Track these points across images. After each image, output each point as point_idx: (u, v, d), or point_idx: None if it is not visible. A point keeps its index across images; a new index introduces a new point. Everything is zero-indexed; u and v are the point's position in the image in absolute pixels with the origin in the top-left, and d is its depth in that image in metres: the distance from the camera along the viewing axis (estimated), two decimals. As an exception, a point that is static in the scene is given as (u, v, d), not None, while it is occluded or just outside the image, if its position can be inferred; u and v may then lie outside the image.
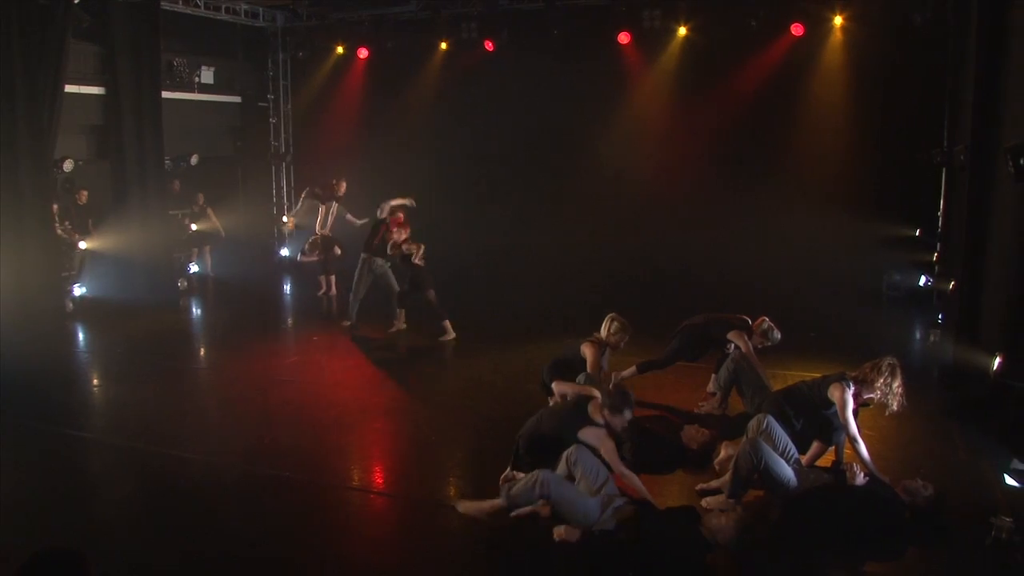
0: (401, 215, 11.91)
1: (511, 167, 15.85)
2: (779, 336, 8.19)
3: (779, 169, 14.13)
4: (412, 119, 16.84)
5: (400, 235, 11.65)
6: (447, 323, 11.51)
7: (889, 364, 6.49)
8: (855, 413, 6.39)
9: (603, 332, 8.11)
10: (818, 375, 8.88)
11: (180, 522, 6.26)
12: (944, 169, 12.33)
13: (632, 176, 14.98)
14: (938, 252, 12.92)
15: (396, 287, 11.87)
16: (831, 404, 6.48)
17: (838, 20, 13.74)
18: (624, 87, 15.65)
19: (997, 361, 7.87)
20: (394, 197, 11.93)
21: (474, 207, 13.81)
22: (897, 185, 13.31)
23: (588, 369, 7.82)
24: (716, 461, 6.78)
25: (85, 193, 13.96)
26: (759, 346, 8.20)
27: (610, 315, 8.21)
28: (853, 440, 6.36)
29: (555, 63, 15.47)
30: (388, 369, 10.74)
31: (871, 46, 13.61)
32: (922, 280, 13.49)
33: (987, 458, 7.20)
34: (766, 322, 8.25)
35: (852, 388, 6.45)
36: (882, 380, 6.42)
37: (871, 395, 6.46)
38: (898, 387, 6.44)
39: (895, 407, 6.42)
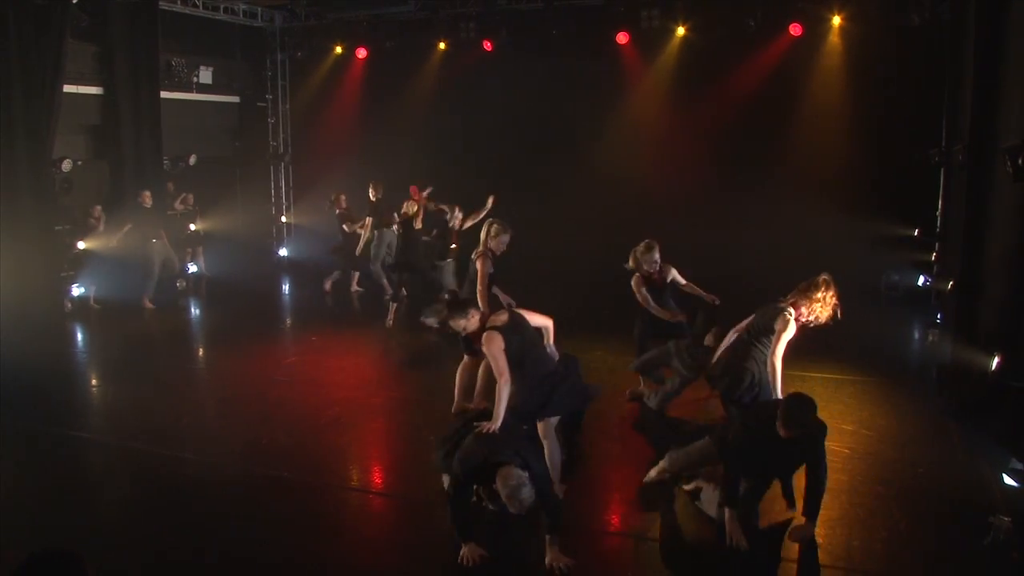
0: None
1: (509, 167, 15.83)
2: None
3: (777, 169, 14.12)
4: (411, 119, 16.82)
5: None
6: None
7: (824, 279, 6.88)
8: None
9: (483, 237, 8.52)
10: (815, 375, 8.94)
11: (178, 523, 6.25)
12: (942, 169, 12.34)
13: (630, 176, 14.96)
14: (936, 252, 12.91)
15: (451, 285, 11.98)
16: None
17: (836, 20, 13.73)
18: (623, 87, 15.64)
19: (996, 361, 7.87)
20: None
21: (472, 207, 13.77)
22: (895, 185, 13.31)
23: (479, 283, 8.24)
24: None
25: (148, 195, 13.72)
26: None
27: (488, 220, 8.72)
28: (772, 367, 6.61)
29: (554, 63, 15.47)
30: (387, 369, 10.75)
31: (869, 46, 13.61)
32: (920, 280, 13.49)
33: (986, 458, 7.19)
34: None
35: (794, 313, 6.70)
36: (819, 292, 6.74)
37: (811, 311, 6.73)
38: (832, 297, 6.81)
39: (834, 315, 6.81)
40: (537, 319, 6.52)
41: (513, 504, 5.35)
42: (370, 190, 14.01)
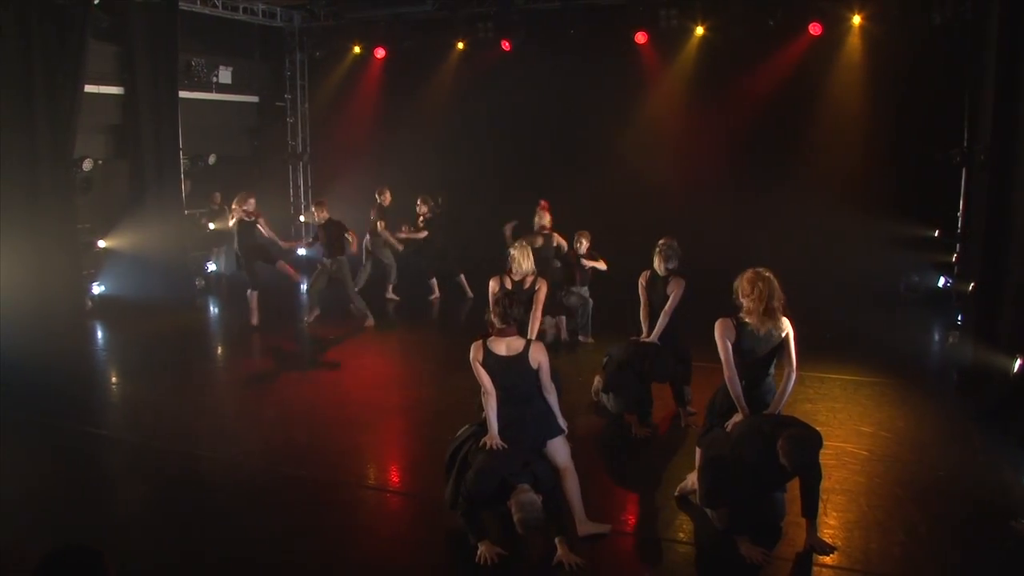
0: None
1: (527, 167, 15.83)
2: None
3: (796, 169, 14.05)
4: (429, 119, 16.84)
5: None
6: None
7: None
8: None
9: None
10: (833, 376, 8.88)
11: (196, 520, 6.30)
12: (964, 169, 12.25)
13: (649, 176, 14.93)
14: (957, 253, 12.82)
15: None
16: None
17: (856, 19, 13.65)
18: (641, 87, 15.60)
19: (1017, 363, 7.82)
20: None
21: (490, 207, 13.81)
22: (916, 185, 13.21)
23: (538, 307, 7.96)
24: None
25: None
26: None
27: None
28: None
29: (572, 63, 15.45)
30: (406, 367, 10.77)
31: (890, 45, 13.52)
32: (941, 281, 13.40)
33: (1006, 461, 7.15)
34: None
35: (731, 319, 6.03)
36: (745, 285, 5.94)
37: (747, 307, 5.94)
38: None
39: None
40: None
41: (521, 527, 5.36)
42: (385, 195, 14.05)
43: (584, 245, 10.95)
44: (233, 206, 12.19)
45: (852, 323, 11.85)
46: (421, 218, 13.80)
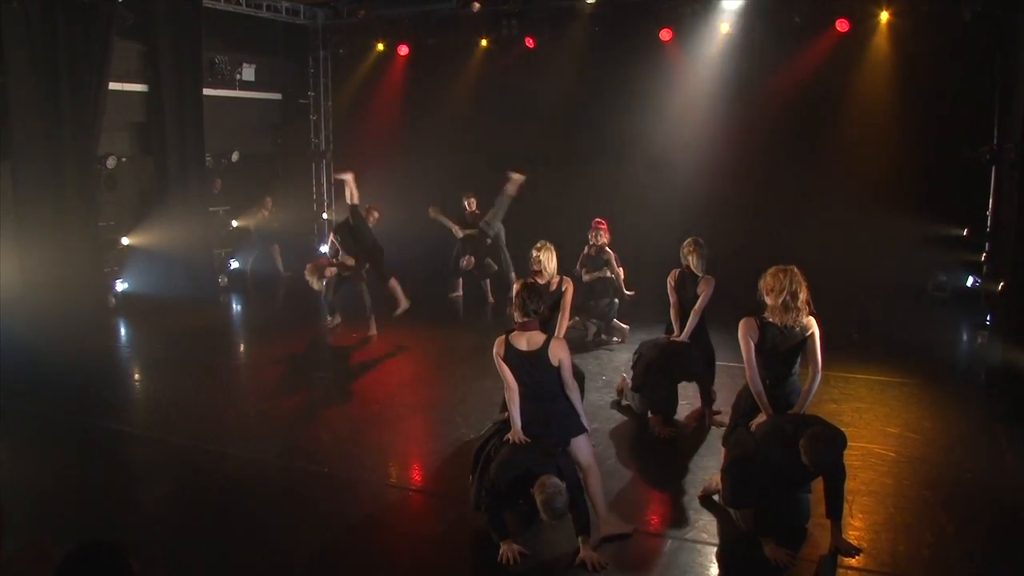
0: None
1: (551, 165, 15.80)
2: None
3: (823, 167, 13.94)
4: (452, 117, 16.83)
5: None
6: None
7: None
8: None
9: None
10: (859, 376, 8.82)
11: (218, 517, 6.34)
12: (993, 167, 12.14)
13: (674, 174, 14.85)
14: (986, 252, 12.70)
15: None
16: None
17: (884, 16, 13.51)
18: (666, 85, 15.52)
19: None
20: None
21: (516, 206, 13.79)
22: (945, 183, 13.08)
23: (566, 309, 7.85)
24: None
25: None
26: None
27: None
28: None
29: (597, 60, 15.41)
30: (429, 365, 10.78)
31: (918, 42, 13.36)
32: (969, 281, 13.28)
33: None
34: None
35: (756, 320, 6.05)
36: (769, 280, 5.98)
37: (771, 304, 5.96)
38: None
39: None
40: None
41: (547, 511, 5.35)
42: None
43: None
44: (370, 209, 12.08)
45: (879, 323, 11.77)
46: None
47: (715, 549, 5.82)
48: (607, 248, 11.55)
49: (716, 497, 6.27)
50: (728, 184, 14.28)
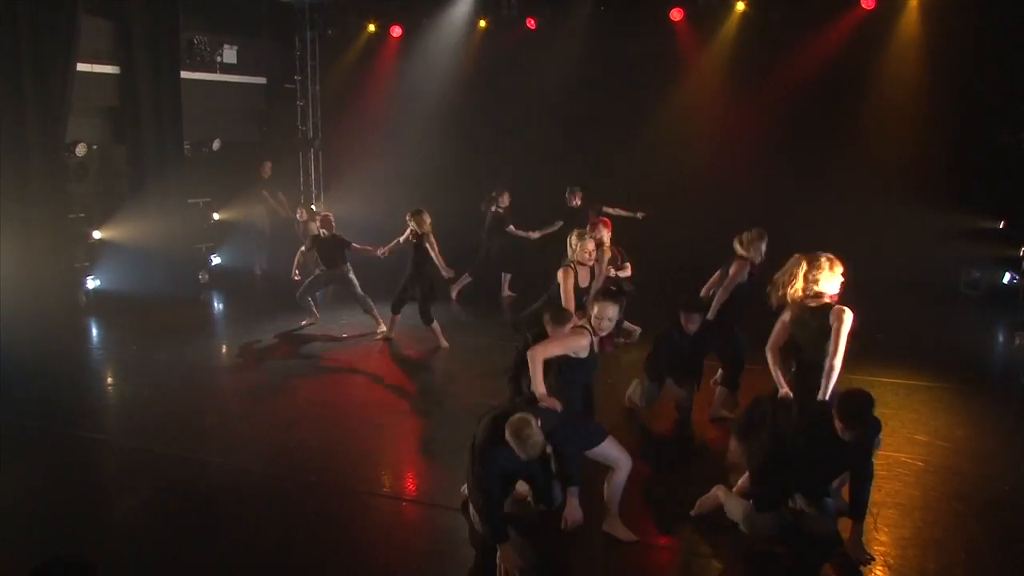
0: None
1: (553, 153, 15.79)
2: None
3: (846, 155, 13.95)
4: (449, 102, 16.83)
5: None
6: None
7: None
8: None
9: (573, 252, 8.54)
10: (884, 380, 8.80)
11: (200, 529, 6.33)
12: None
13: (684, 163, 14.86)
14: (1025, 246, 12.73)
15: None
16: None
17: (915, -10, 13.53)
18: (676, 68, 15.52)
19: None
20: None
21: (514, 195, 13.79)
22: (978, 172, 13.08)
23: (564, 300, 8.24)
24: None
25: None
26: None
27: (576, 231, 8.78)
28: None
29: (602, 42, 15.40)
30: (425, 367, 10.75)
31: (950, 19, 13.34)
32: (1006, 277, 13.27)
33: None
34: None
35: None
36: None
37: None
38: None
39: None
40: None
41: (519, 444, 5.44)
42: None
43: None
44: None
45: (906, 322, 11.76)
46: None
47: (714, 562, 5.84)
48: (608, 246, 11.44)
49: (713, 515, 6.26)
50: (742, 174, 14.28)
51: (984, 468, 7.28)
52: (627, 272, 11.12)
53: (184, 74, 14.93)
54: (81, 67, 13.06)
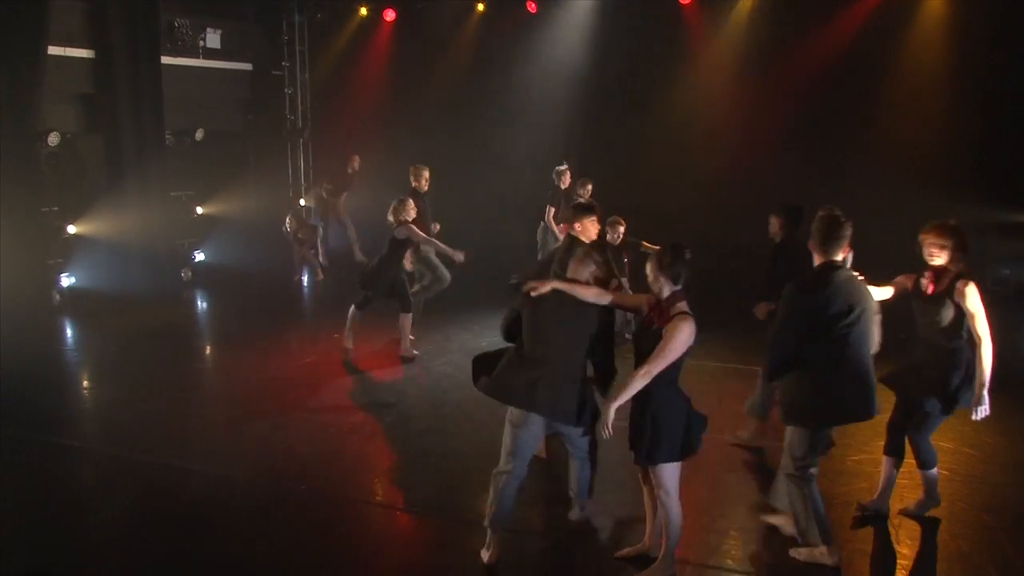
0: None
1: (555, 143, 15.79)
2: None
3: (863, 145, 13.97)
4: (445, 89, 16.84)
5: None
6: None
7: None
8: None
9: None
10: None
11: (181, 541, 6.32)
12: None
13: (693, 152, 14.87)
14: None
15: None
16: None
17: (939, -29, 13.53)
18: (685, 54, 15.51)
19: None
20: None
21: (513, 186, 13.83)
22: (1006, 162, 13.07)
23: None
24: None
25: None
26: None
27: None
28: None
29: (606, 27, 15.41)
30: (419, 371, 10.74)
31: (975, 4, 13.35)
32: (1037, 275, 13.28)
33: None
34: None
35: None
36: None
37: None
38: None
39: None
40: None
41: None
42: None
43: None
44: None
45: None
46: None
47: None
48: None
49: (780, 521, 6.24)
50: (755, 163, 14.28)
51: (1015, 477, 7.27)
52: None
53: (164, 59, 14.89)
54: (53, 51, 12.99)
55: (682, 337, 5.19)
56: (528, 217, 13.89)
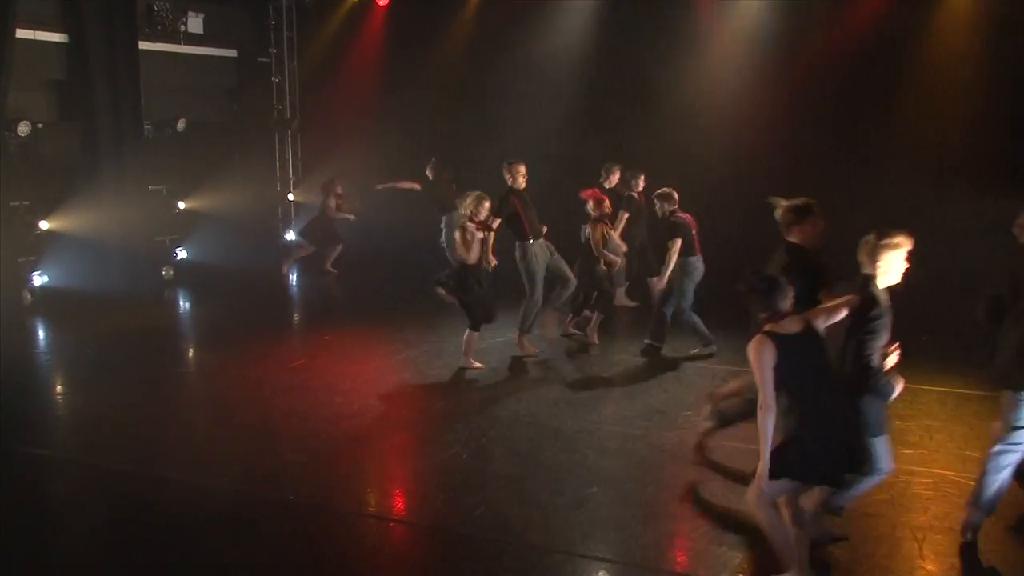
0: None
1: (555, 134, 15.77)
2: None
3: (887, 141, 13.96)
4: (440, 78, 16.84)
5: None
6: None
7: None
8: None
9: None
10: (930, 388, 8.72)
11: (161, 555, 6.29)
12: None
13: (703, 147, 14.86)
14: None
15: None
16: None
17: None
18: (693, 43, 15.49)
19: None
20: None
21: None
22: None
23: None
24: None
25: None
26: None
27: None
28: None
29: (611, 14, 15.42)
30: (412, 375, 10.73)
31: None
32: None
33: None
34: None
35: None
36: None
37: None
38: None
39: None
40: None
41: None
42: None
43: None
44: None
45: (956, 323, 11.72)
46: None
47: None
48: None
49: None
50: (767, 158, 14.25)
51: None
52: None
53: (143, 44, 14.91)
54: (22, 34, 12.98)
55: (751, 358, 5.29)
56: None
